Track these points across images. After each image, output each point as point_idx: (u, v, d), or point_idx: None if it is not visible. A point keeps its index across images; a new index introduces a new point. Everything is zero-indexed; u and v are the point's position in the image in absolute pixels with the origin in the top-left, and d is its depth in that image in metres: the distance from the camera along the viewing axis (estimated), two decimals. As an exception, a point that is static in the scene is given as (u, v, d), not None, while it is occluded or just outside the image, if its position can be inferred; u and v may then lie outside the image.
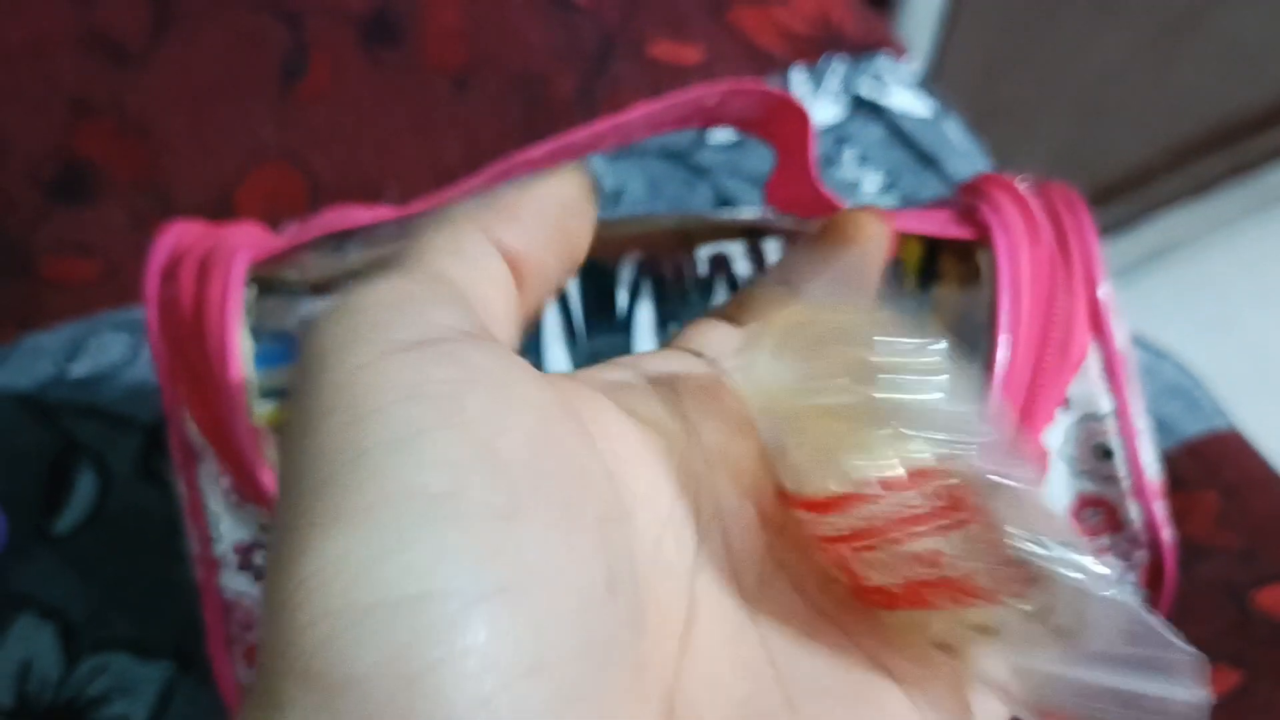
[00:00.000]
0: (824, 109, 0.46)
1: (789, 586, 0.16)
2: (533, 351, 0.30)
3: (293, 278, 0.30)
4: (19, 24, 0.47)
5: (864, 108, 0.46)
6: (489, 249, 0.16)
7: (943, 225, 0.28)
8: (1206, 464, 0.38)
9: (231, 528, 0.29)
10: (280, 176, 0.43)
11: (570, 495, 0.13)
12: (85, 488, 0.36)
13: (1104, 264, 0.27)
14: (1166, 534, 0.29)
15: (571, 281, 0.30)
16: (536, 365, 0.23)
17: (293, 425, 0.13)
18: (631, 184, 0.44)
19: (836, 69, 0.47)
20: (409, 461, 0.12)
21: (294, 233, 0.30)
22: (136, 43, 0.46)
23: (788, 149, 0.30)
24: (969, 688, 0.16)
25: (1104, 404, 0.28)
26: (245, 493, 0.28)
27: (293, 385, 0.14)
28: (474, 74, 0.46)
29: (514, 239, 0.16)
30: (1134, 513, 0.28)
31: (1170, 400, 0.39)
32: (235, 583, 0.29)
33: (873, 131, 0.45)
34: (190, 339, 0.28)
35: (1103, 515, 0.29)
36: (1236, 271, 0.94)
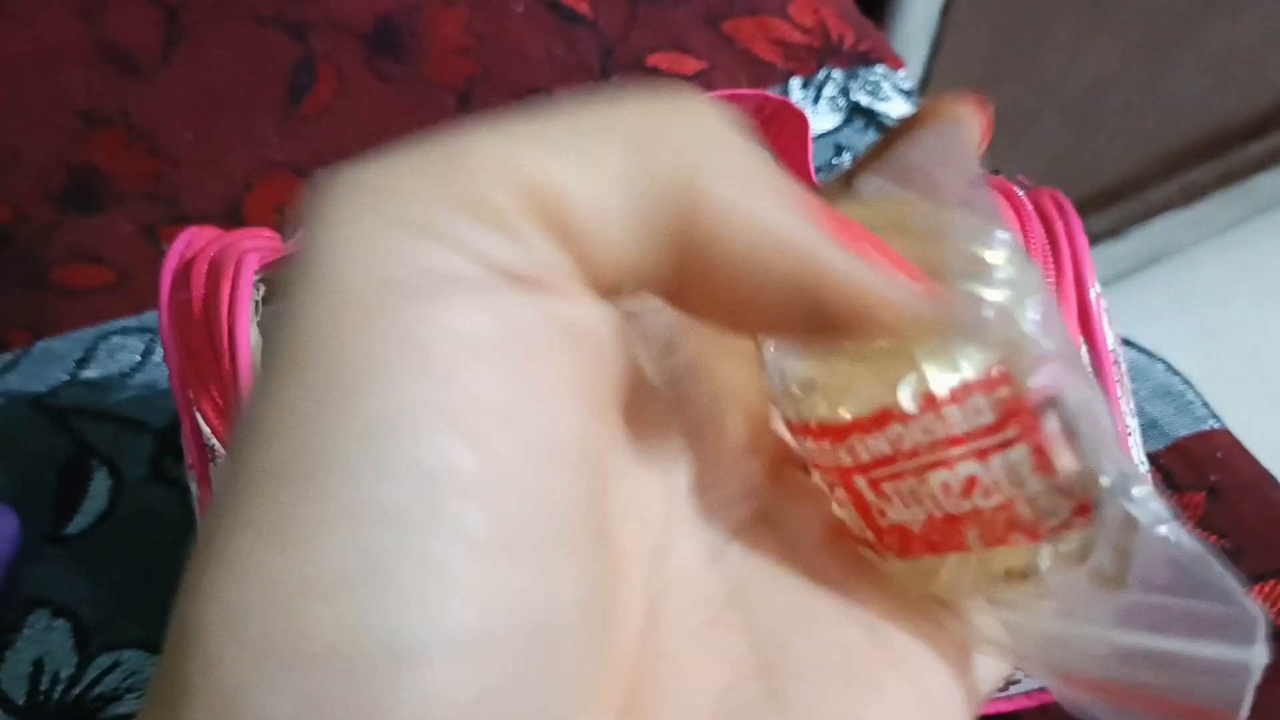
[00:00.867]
0: (822, 118, 0.46)
1: (782, 552, 0.14)
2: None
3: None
4: (29, 37, 0.48)
5: (860, 115, 0.47)
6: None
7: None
8: (1196, 464, 0.39)
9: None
10: (287, 188, 0.44)
11: (562, 521, 0.11)
12: (97, 490, 0.37)
13: (1093, 266, 0.28)
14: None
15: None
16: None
17: (265, 363, 0.11)
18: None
19: (834, 78, 0.48)
20: (383, 467, 0.10)
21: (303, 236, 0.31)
22: (146, 55, 0.47)
23: (786, 153, 0.30)
24: (974, 651, 0.14)
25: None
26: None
27: (281, 285, 0.11)
28: (477, 87, 0.47)
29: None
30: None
31: (1160, 401, 0.40)
32: (246, 581, 0.29)
33: (869, 139, 0.46)
34: (202, 339, 0.29)
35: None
36: (1227, 278, 0.94)
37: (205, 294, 0.29)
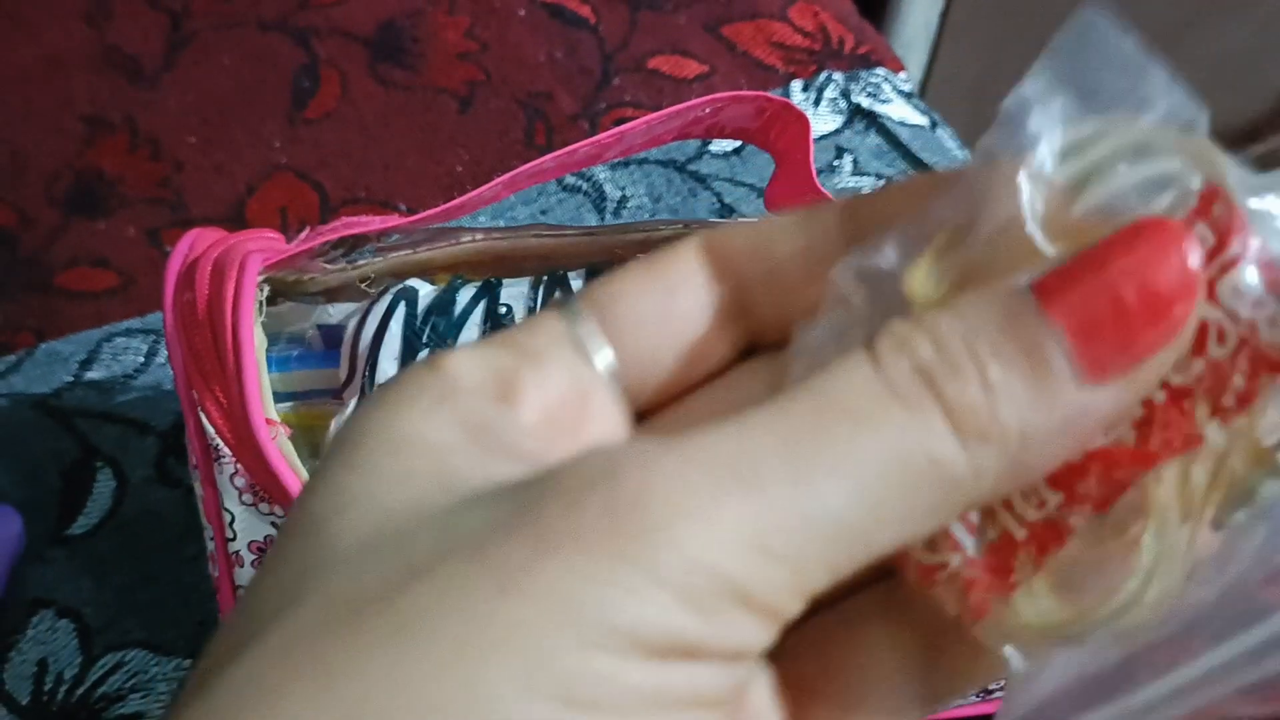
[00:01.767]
0: (822, 120, 0.47)
1: None
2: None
3: (307, 283, 0.31)
4: (35, 44, 0.48)
5: (861, 117, 0.47)
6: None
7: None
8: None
9: (247, 526, 0.30)
10: (290, 192, 0.44)
11: None
12: (101, 491, 0.37)
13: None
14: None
15: (576, 284, 0.31)
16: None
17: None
18: (634, 192, 0.45)
19: (835, 81, 0.48)
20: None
21: (306, 238, 0.31)
22: (151, 61, 0.48)
23: (787, 155, 0.31)
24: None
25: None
26: (261, 489, 0.29)
27: None
28: (479, 92, 0.47)
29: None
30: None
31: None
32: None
33: (869, 141, 0.46)
34: (205, 339, 0.29)
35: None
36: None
37: (210, 294, 0.29)
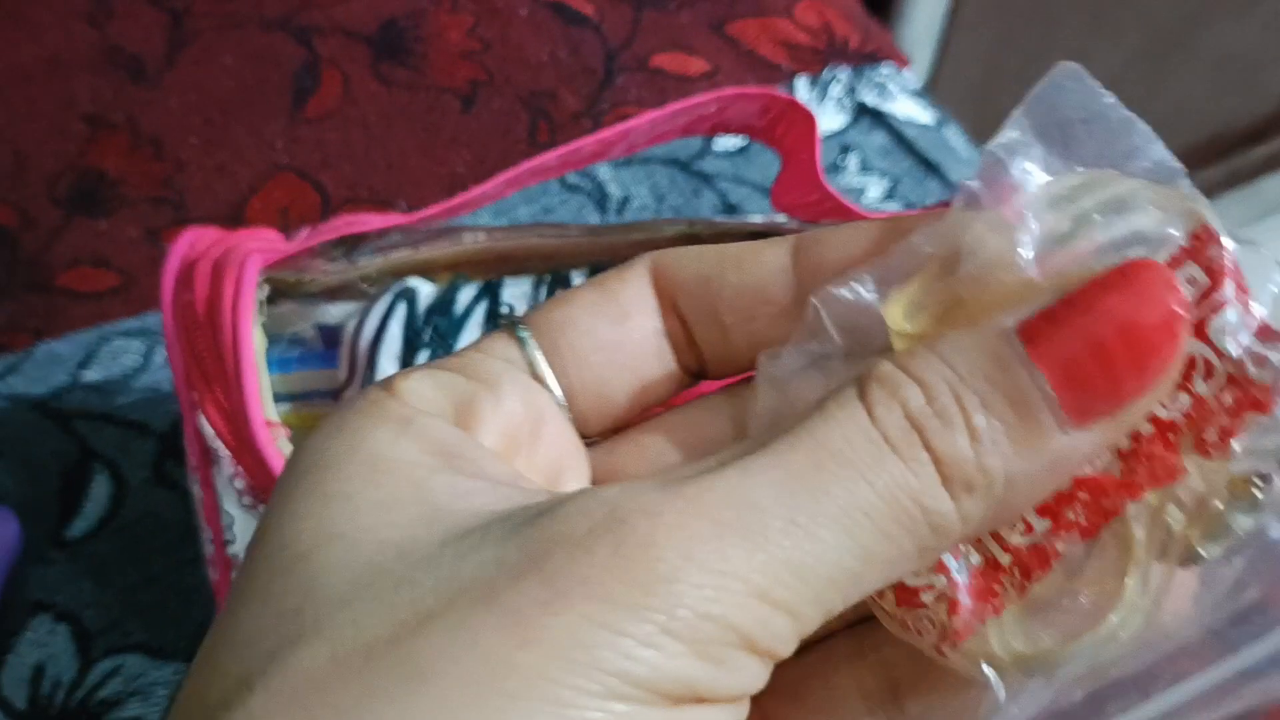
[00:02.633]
0: (828, 117, 0.46)
1: None
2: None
3: (308, 283, 0.31)
4: (36, 43, 0.48)
5: (867, 115, 0.47)
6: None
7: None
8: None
9: (246, 529, 0.29)
10: (292, 191, 0.44)
11: None
12: (99, 493, 0.36)
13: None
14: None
15: (578, 282, 0.31)
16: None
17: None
18: (637, 191, 0.44)
19: (840, 78, 0.48)
20: None
21: (306, 237, 0.30)
22: (152, 60, 0.47)
23: (793, 152, 0.30)
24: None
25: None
26: (261, 492, 0.28)
27: None
28: (481, 91, 0.47)
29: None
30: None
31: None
32: (250, 583, 0.29)
33: (876, 139, 0.46)
34: (205, 340, 0.29)
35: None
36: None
37: (209, 295, 0.29)
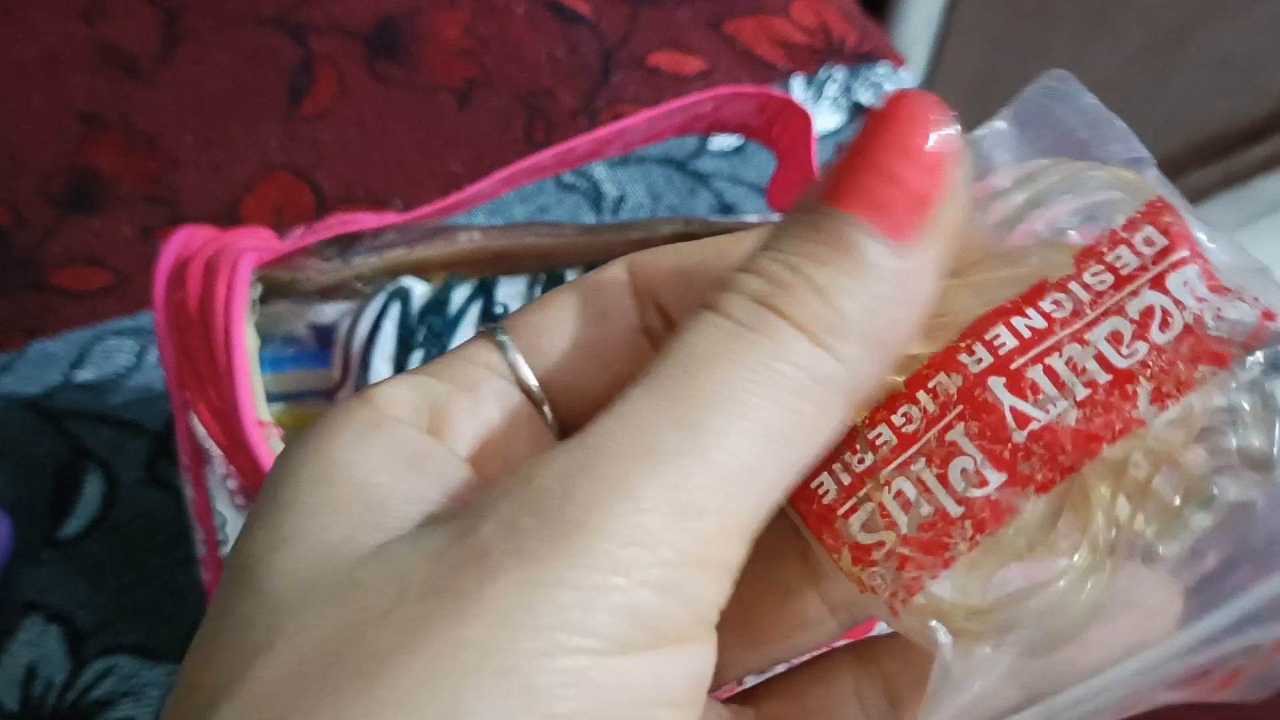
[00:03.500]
0: (824, 117, 0.46)
1: None
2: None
3: (302, 282, 0.30)
4: (30, 41, 0.47)
5: (863, 114, 0.46)
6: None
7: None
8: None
9: (238, 529, 0.29)
10: (287, 190, 0.44)
11: None
12: (92, 493, 0.36)
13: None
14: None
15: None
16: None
17: None
18: (633, 191, 0.44)
19: (836, 77, 0.47)
20: None
21: (301, 236, 0.30)
22: (146, 58, 0.47)
23: (789, 152, 0.30)
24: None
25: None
26: (252, 492, 0.28)
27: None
28: (477, 89, 0.47)
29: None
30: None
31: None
32: (243, 584, 0.29)
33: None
34: (197, 339, 0.28)
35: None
36: (1231, 284, 0.94)
37: (201, 294, 0.28)
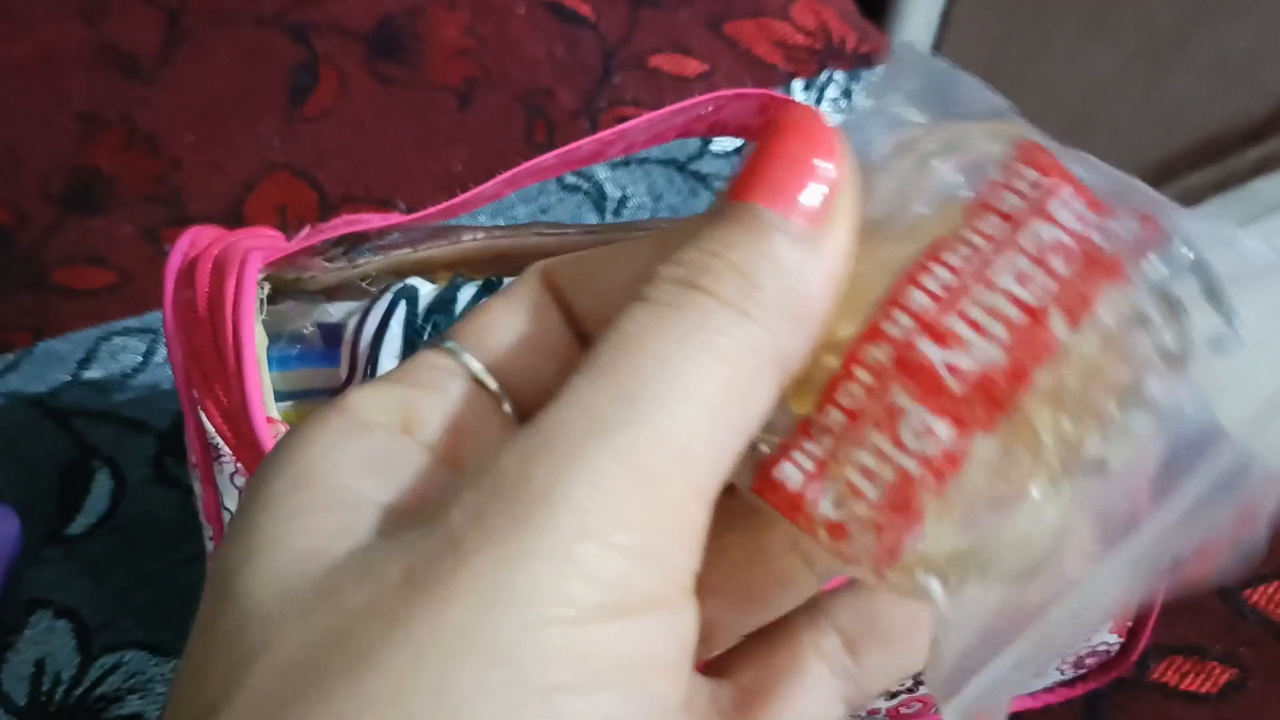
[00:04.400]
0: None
1: None
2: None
3: (307, 281, 0.31)
4: (31, 40, 0.48)
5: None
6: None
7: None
8: (1199, 464, 0.39)
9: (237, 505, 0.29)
10: (288, 189, 0.44)
11: None
12: (98, 491, 0.36)
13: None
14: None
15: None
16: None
17: None
18: (635, 191, 0.45)
19: (836, 80, 0.48)
20: None
21: (307, 236, 0.31)
22: (148, 58, 0.47)
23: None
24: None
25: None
26: (261, 490, 0.29)
27: None
28: (478, 89, 0.47)
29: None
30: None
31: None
32: (250, 581, 0.29)
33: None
34: (205, 337, 0.29)
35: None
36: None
37: (210, 292, 0.29)
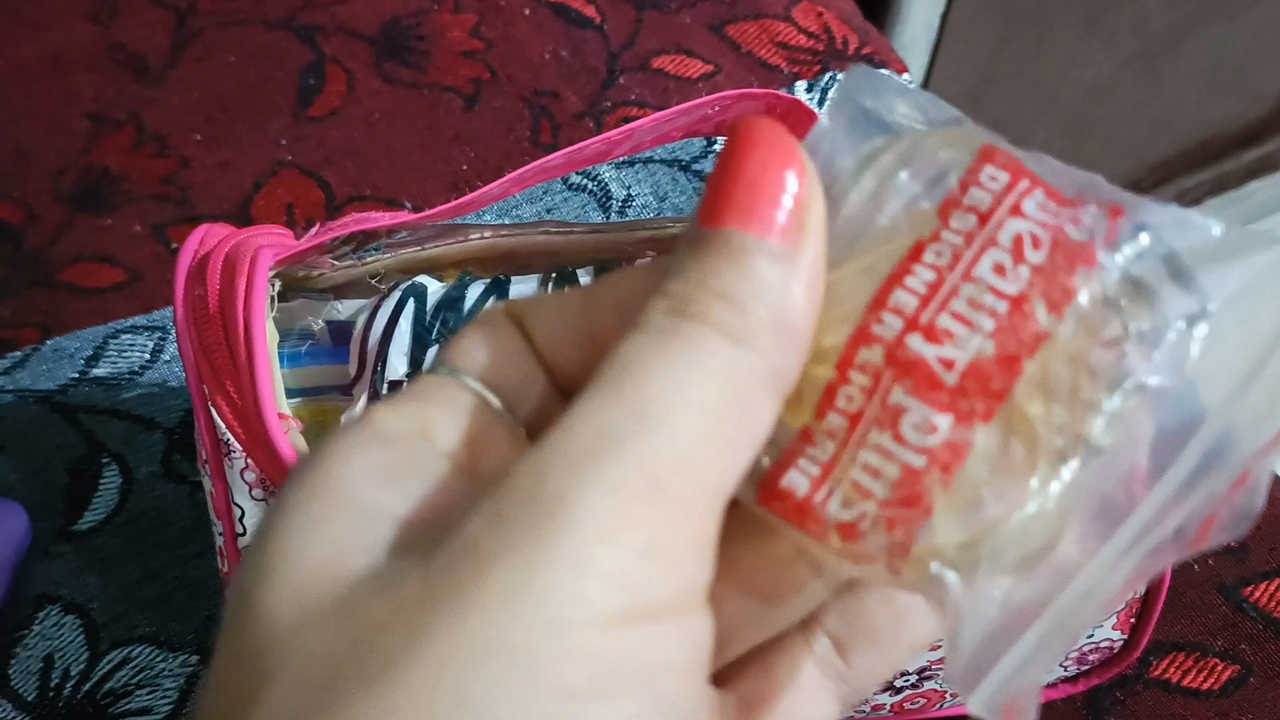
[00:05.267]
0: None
1: None
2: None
3: (316, 279, 0.31)
4: (40, 41, 0.48)
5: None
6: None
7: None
8: (1198, 461, 0.39)
9: (257, 521, 0.30)
10: (296, 189, 0.45)
11: None
12: (107, 487, 0.37)
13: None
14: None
15: (585, 280, 0.31)
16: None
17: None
18: (639, 191, 0.45)
19: (839, 80, 0.48)
20: None
21: (316, 234, 0.31)
22: (156, 58, 0.48)
23: (795, 153, 0.31)
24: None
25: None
26: (272, 484, 0.29)
27: None
28: (484, 90, 0.48)
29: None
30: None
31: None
32: (260, 575, 0.29)
33: (872, 142, 0.47)
34: (215, 334, 0.29)
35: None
36: (1223, 286, 0.95)
37: (221, 289, 0.29)
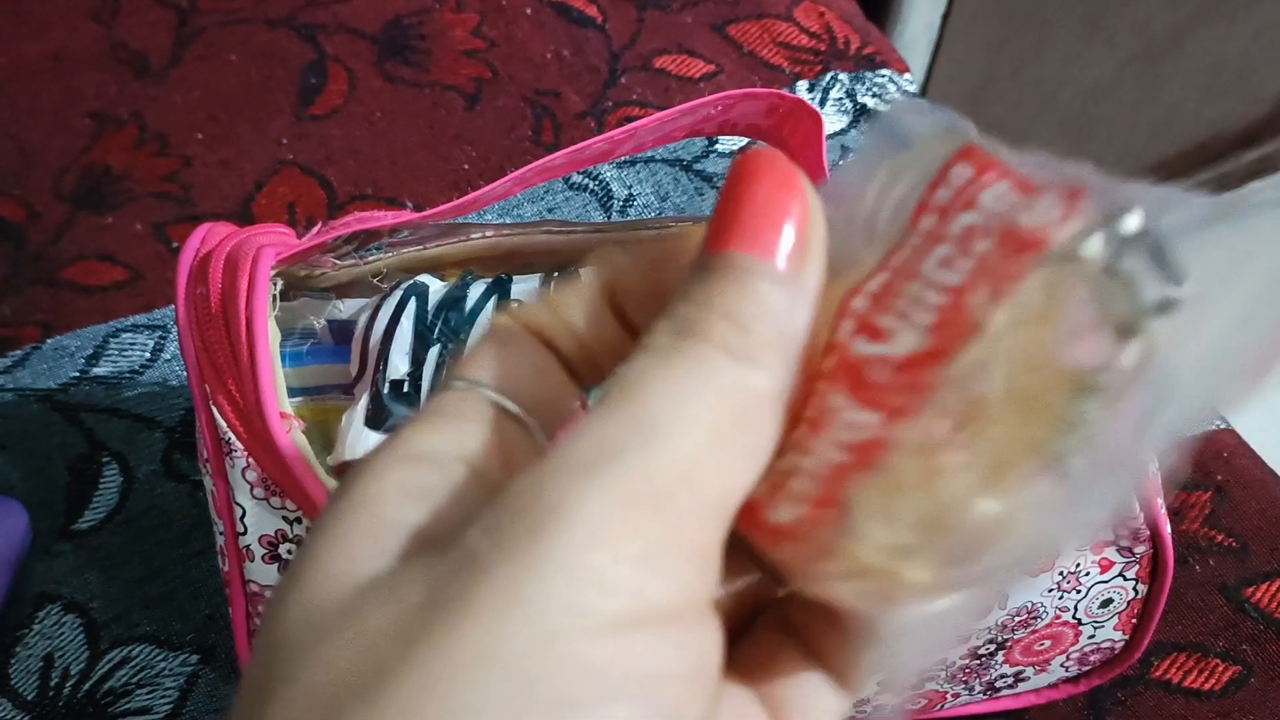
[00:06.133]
0: (829, 119, 0.47)
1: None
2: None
3: (318, 278, 0.31)
4: (42, 40, 0.48)
5: (867, 118, 0.47)
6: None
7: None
8: (1202, 464, 0.39)
9: (258, 520, 0.29)
10: (298, 188, 0.44)
11: None
12: (108, 486, 0.37)
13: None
14: (1166, 528, 0.30)
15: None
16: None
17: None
18: (641, 191, 0.45)
19: (840, 81, 0.48)
20: None
21: (318, 233, 0.31)
22: (158, 57, 0.47)
23: (799, 152, 0.31)
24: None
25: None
26: (274, 483, 0.29)
27: None
28: (486, 89, 0.47)
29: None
30: (1135, 508, 0.29)
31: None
32: (261, 575, 0.29)
33: (875, 142, 0.47)
34: (217, 333, 0.29)
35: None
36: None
37: (223, 288, 0.29)
